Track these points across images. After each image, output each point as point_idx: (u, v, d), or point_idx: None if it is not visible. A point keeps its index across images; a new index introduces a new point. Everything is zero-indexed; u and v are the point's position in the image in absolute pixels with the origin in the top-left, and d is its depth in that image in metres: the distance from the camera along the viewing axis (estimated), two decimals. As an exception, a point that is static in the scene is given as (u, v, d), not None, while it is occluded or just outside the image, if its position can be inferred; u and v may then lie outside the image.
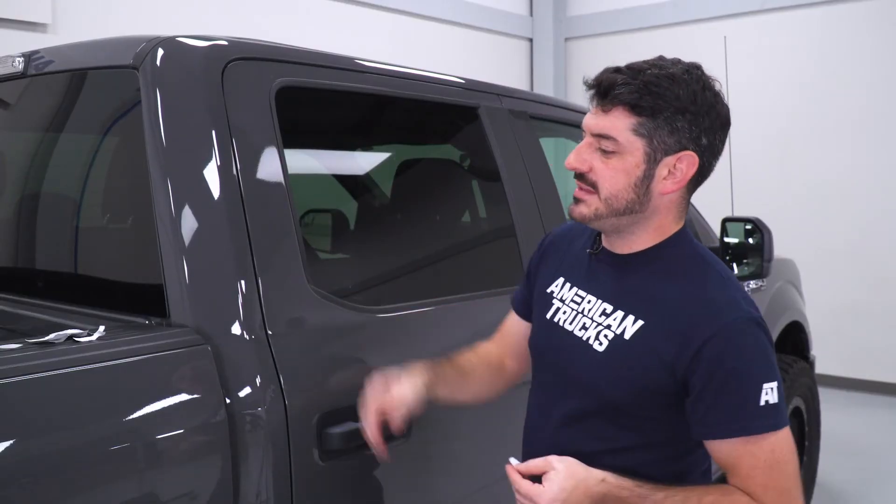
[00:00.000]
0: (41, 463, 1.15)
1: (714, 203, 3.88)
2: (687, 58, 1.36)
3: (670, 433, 1.33)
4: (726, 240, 2.95)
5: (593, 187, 1.31)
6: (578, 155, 1.32)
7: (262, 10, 5.30)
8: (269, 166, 1.57)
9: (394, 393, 1.43)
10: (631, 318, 1.33)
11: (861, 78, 5.95)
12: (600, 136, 1.29)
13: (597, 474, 1.26)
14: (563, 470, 1.25)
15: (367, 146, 2.77)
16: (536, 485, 1.26)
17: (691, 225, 3.02)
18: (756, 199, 5.51)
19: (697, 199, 3.28)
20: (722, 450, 1.27)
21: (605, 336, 1.35)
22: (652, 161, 1.28)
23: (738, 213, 3.07)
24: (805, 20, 6.19)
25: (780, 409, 1.25)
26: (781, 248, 3.33)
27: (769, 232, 2.86)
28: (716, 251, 2.96)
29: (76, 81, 1.85)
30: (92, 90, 1.84)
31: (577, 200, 1.34)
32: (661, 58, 1.34)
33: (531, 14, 7.62)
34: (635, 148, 1.28)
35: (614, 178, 1.29)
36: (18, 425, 1.15)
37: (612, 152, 1.29)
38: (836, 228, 6.04)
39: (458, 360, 1.60)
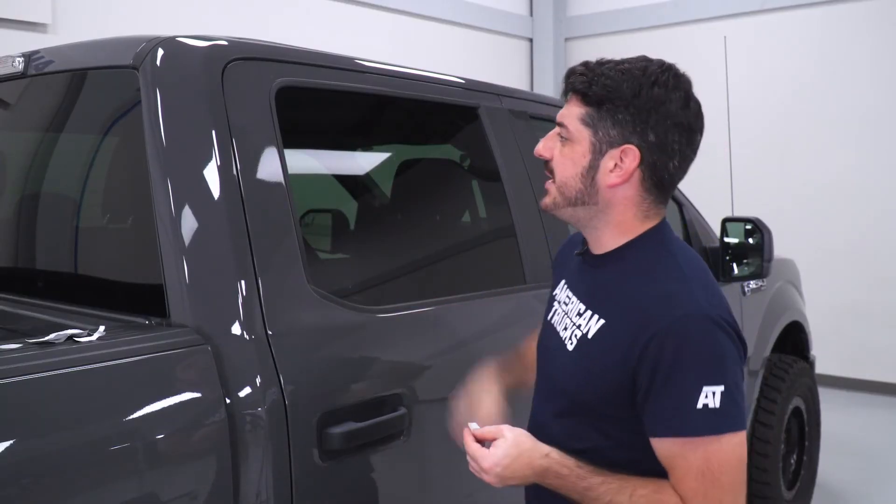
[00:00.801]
0: (41, 463, 1.15)
1: (714, 203, 3.89)
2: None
3: (637, 433, 1.30)
4: (726, 240, 2.95)
5: (552, 175, 1.37)
6: (544, 142, 1.39)
7: (261, 10, 5.30)
8: (269, 166, 1.57)
9: (482, 415, 1.47)
10: (595, 317, 1.34)
11: (861, 78, 5.95)
12: (559, 125, 1.36)
13: (543, 449, 1.29)
14: (510, 438, 1.29)
15: (367, 146, 2.77)
16: (483, 448, 1.30)
17: (692, 226, 3.02)
18: (756, 199, 5.51)
19: (697, 199, 3.30)
20: (659, 449, 1.26)
21: (575, 336, 1.37)
22: (597, 152, 1.31)
23: (738, 213, 3.06)
24: (805, 20, 6.19)
25: (725, 415, 1.21)
26: (781, 248, 3.33)
27: (769, 232, 2.86)
28: (715, 251, 2.96)
29: (76, 81, 1.85)
30: (92, 90, 1.84)
31: (545, 190, 1.40)
32: (642, 57, 1.35)
33: (531, 14, 7.62)
34: (582, 137, 1.32)
35: (564, 165, 1.34)
36: (18, 425, 1.15)
37: (566, 140, 1.34)
38: (836, 228, 6.04)
39: (523, 351, 1.66)
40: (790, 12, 6.25)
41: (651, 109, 1.28)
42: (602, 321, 1.33)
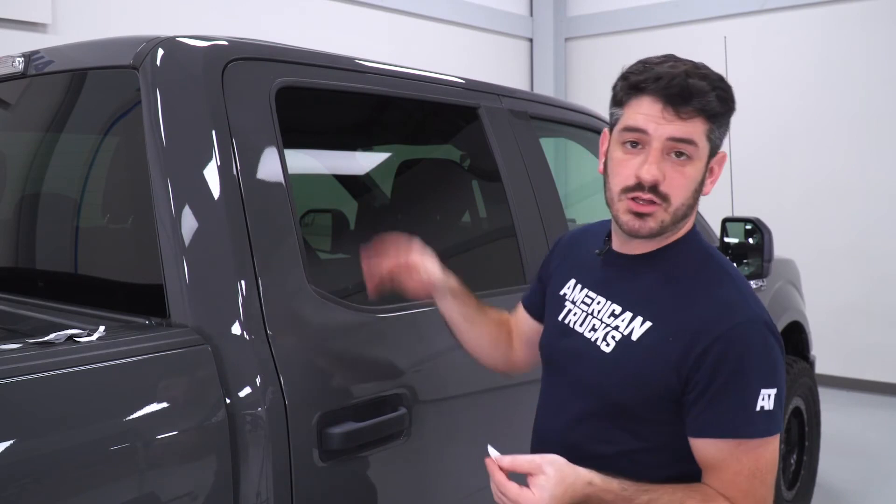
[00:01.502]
0: (41, 463, 1.15)
1: (714, 203, 3.89)
2: (687, 58, 1.35)
3: (675, 436, 1.30)
4: (726, 240, 2.95)
5: (663, 199, 1.26)
6: (658, 165, 1.25)
7: (261, 10, 5.30)
8: (269, 166, 1.57)
9: (415, 257, 1.49)
10: (639, 319, 1.32)
11: (861, 78, 5.95)
12: (680, 141, 1.24)
13: (584, 477, 1.23)
14: (553, 475, 1.20)
15: (367, 146, 2.77)
16: (525, 490, 1.20)
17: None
18: (756, 199, 5.51)
19: (697, 199, 3.29)
20: (709, 450, 1.26)
21: (613, 337, 1.34)
22: (706, 165, 1.29)
23: (738, 213, 3.06)
24: (805, 20, 6.19)
25: (775, 417, 1.24)
26: (781, 248, 3.33)
27: (769, 232, 2.86)
28: (716, 251, 2.96)
29: (76, 81, 1.85)
30: (92, 90, 1.84)
31: (641, 215, 1.28)
32: (674, 56, 1.32)
33: (531, 14, 7.62)
34: (705, 153, 1.27)
35: (687, 186, 1.27)
36: (18, 425, 1.15)
37: (688, 159, 1.26)
38: (836, 228, 6.04)
39: (478, 299, 1.64)
40: (790, 12, 6.24)
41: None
42: (648, 323, 1.31)
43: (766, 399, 1.23)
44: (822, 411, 3.95)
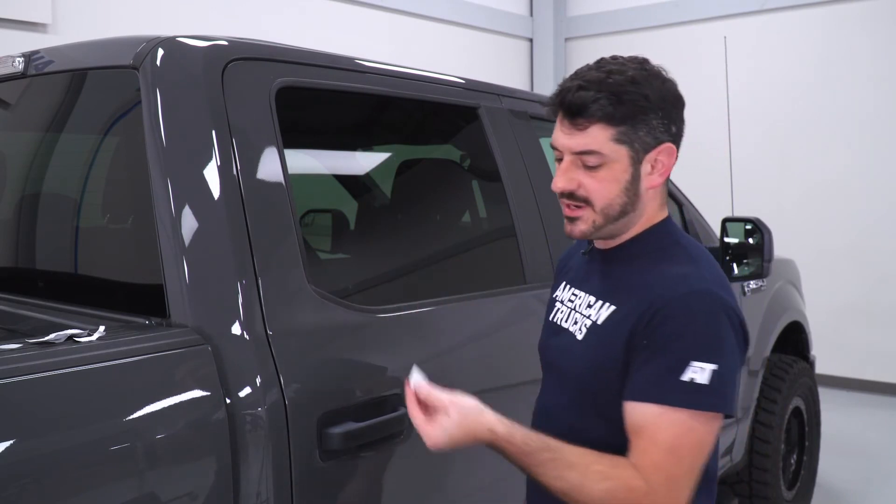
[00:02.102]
0: (41, 463, 1.15)
1: (714, 203, 3.89)
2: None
3: None
4: (726, 240, 2.94)
5: (585, 202, 1.33)
6: (565, 175, 1.33)
7: (261, 10, 5.30)
8: (269, 166, 1.57)
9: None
10: (606, 304, 1.36)
11: (861, 78, 5.95)
12: (582, 154, 1.31)
13: (487, 424, 1.25)
14: (455, 418, 1.24)
15: (367, 146, 2.77)
16: (427, 425, 1.26)
17: (692, 226, 3.02)
18: (756, 199, 5.51)
19: (697, 199, 3.30)
20: (632, 414, 1.25)
21: (585, 325, 1.38)
22: (636, 162, 1.32)
23: (738, 213, 3.06)
24: (805, 20, 6.19)
25: (711, 393, 1.20)
26: (781, 248, 3.33)
27: (769, 232, 2.86)
28: (715, 251, 2.96)
29: (76, 81, 1.85)
30: (92, 90, 1.84)
31: (571, 220, 1.36)
32: (605, 60, 1.34)
33: (531, 14, 7.62)
34: (620, 155, 1.30)
35: (606, 188, 1.32)
36: (18, 425, 1.15)
37: (599, 165, 1.31)
38: (836, 228, 6.04)
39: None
40: (790, 12, 6.25)
41: (671, 105, 1.32)
42: (612, 307, 1.34)
43: (699, 372, 1.20)
44: (822, 411, 3.96)
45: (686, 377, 1.20)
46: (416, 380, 1.31)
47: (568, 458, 1.24)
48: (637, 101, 1.28)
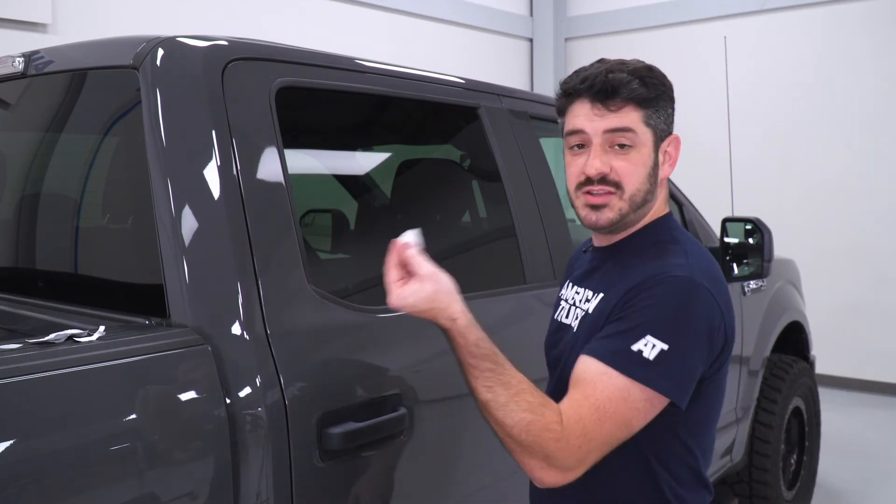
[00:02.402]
0: (41, 463, 1.15)
1: (714, 203, 3.89)
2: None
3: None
4: (726, 240, 2.95)
5: (616, 187, 1.34)
6: (599, 157, 1.33)
7: (261, 10, 5.30)
8: (269, 166, 1.57)
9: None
10: (598, 294, 1.40)
11: (861, 78, 5.95)
12: (616, 132, 1.33)
13: (453, 310, 1.28)
14: (427, 290, 1.27)
15: (367, 146, 2.77)
16: (398, 286, 1.28)
17: (692, 226, 3.02)
18: (756, 199, 5.51)
19: (697, 199, 3.30)
20: (580, 366, 1.29)
21: (578, 316, 1.43)
22: (657, 149, 1.36)
23: (738, 213, 3.07)
24: (805, 20, 6.19)
25: (653, 369, 1.22)
26: (781, 248, 3.33)
27: (769, 232, 2.86)
28: (715, 251, 2.96)
29: (76, 81, 1.85)
30: (92, 90, 1.84)
31: (598, 208, 1.35)
32: (606, 59, 1.40)
33: (531, 14, 7.62)
34: (647, 138, 1.34)
35: (636, 172, 1.34)
36: (18, 425, 1.15)
37: (630, 147, 1.33)
38: (835, 228, 6.04)
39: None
40: (790, 12, 6.25)
41: (673, 99, 1.39)
42: (601, 295, 1.38)
43: (650, 347, 1.22)
44: (822, 411, 3.96)
45: (636, 347, 1.23)
46: (409, 239, 1.30)
47: (506, 378, 1.25)
48: (658, 87, 1.35)
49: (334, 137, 2.53)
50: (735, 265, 2.90)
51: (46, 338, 1.27)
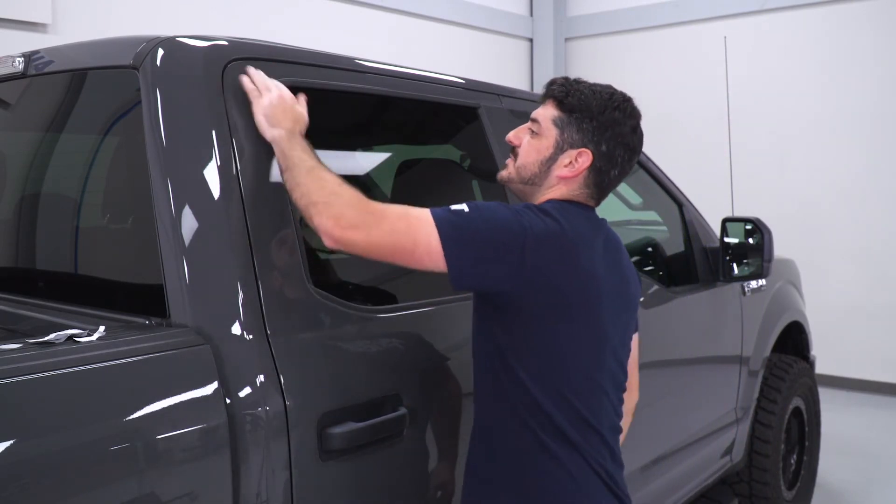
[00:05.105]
0: (41, 463, 1.15)
1: (714, 203, 3.89)
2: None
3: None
4: (726, 240, 2.95)
5: (515, 157, 1.67)
6: (516, 132, 1.69)
7: (262, 10, 5.30)
8: (269, 166, 1.57)
9: None
10: None
11: (861, 78, 5.95)
12: (532, 121, 1.65)
13: (288, 126, 1.53)
14: (274, 102, 1.54)
15: (367, 146, 2.77)
16: (261, 95, 1.54)
17: (692, 226, 3.02)
18: (756, 199, 5.51)
19: (697, 199, 3.30)
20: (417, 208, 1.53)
21: None
22: (559, 149, 1.61)
23: (739, 213, 3.07)
24: (805, 20, 6.20)
25: (443, 209, 1.47)
26: (781, 248, 3.33)
27: (769, 232, 2.86)
28: (715, 251, 2.97)
29: (76, 81, 1.85)
30: (92, 90, 1.84)
31: (505, 166, 1.70)
32: (610, 86, 1.65)
33: (531, 14, 7.62)
34: (550, 134, 1.62)
35: (529, 152, 1.64)
36: (18, 425, 1.15)
37: (536, 134, 1.64)
38: (836, 228, 6.04)
39: None
40: (790, 12, 6.25)
41: (609, 127, 1.60)
42: None
43: (460, 207, 1.48)
44: (822, 411, 3.96)
45: (453, 207, 1.50)
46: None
47: (322, 174, 1.48)
48: (581, 101, 1.60)
49: (334, 137, 2.53)
50: (735, 265, 2.90)
51: (46, 338, 1.27)
